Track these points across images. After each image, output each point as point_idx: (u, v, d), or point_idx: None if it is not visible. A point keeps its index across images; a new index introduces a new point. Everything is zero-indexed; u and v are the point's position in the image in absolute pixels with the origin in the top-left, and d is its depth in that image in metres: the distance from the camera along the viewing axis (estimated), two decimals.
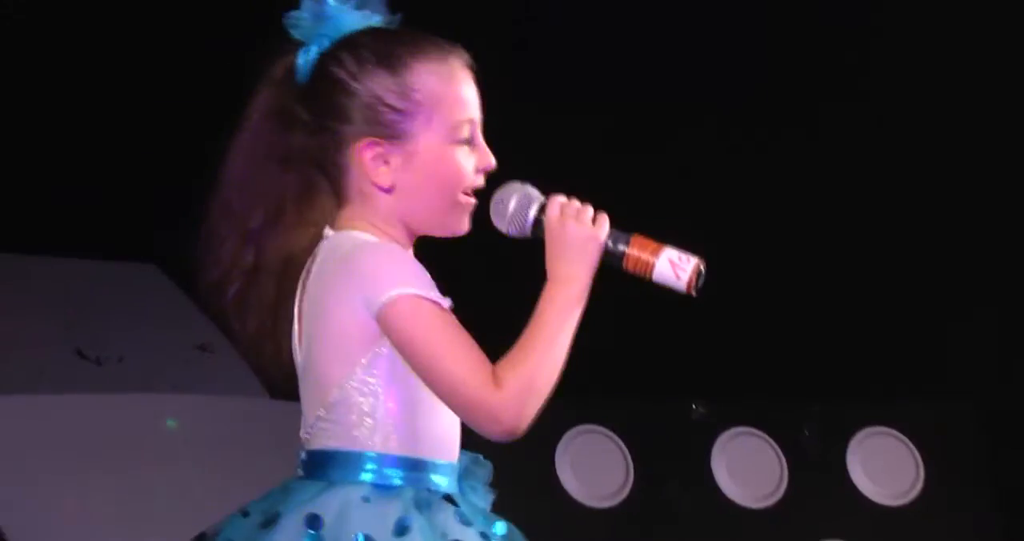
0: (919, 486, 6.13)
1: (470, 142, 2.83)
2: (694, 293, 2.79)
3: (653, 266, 2.79)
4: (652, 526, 6.37)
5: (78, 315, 6.56)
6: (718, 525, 6.36)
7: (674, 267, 2.77)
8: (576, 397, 6.40)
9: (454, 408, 2.74)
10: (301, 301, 2.86)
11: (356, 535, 2.69)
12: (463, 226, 2.86)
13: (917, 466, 6.16)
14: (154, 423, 6.08)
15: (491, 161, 2.85)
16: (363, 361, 2.75)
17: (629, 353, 6.97)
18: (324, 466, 2.82)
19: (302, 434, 2.92)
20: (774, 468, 6.43)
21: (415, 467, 2.77)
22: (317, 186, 2.87)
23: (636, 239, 2.82)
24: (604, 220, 2.80)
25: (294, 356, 2.91)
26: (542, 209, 2.83)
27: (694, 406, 6.49)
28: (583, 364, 6.87)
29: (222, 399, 6.37)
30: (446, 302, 2.73)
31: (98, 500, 5.85)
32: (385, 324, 2.71)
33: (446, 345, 2.70)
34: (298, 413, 6.43)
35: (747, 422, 6.49)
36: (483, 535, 2.82)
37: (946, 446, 6.19)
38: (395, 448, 2.76)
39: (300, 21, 2.85)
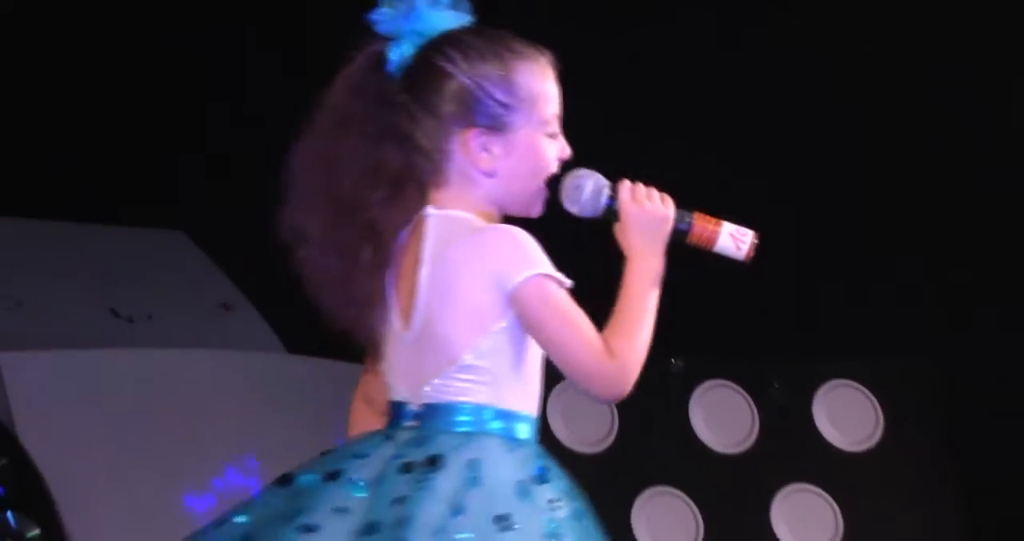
0: (878, 433, 6.24)
1: (555, 135, 2.98)
2: (749, 261, 2.99)
3: (716, 240, 2.96)
4: (634, 469, 6.46)
5: (112, 277, 6.65)
6: (694, 469, 6.42)
7: (735, 240, 2.96)
8: None
9: (572, 376, 2.87)
10: (409, 271, 2.94)
11: (510, 482, 2.81)
12: (539, 209, 3.01)
13: (877, 416, 6.25)
14: (181, 375, 6.18)
15: (568, 151, 2.99)
16: (493, 330, 2.86)
17: (605, 309, 7.16)
18: (451, 416, 2.90)
19: (413, 388, 2.97)
20: (746, 418, 6.48)
21: (523, 421, 2.92)
22: (416, 166, 2.94)
23: (698, 217, 2.98)
24: (669, 201, 2.96)
25: (388, 321, 2.98)
26: (614, 193, 2.98)
27: (673, 361, 6.55)
28: None
29: (243, 354, 6.47)
30: (568, 282, 2.87)
31: (129, 446, 5.93)
32: (517, 301, 2.84)
33: (570, 323, 2.84)
34: (313, 367, 6.55)
35: (721, 376, 6.54)
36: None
37: (902, 397, 6.28)
38: (512, 405, 2.90)
39: (387, 18, 2.94)
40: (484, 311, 2.86)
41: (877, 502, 6.16)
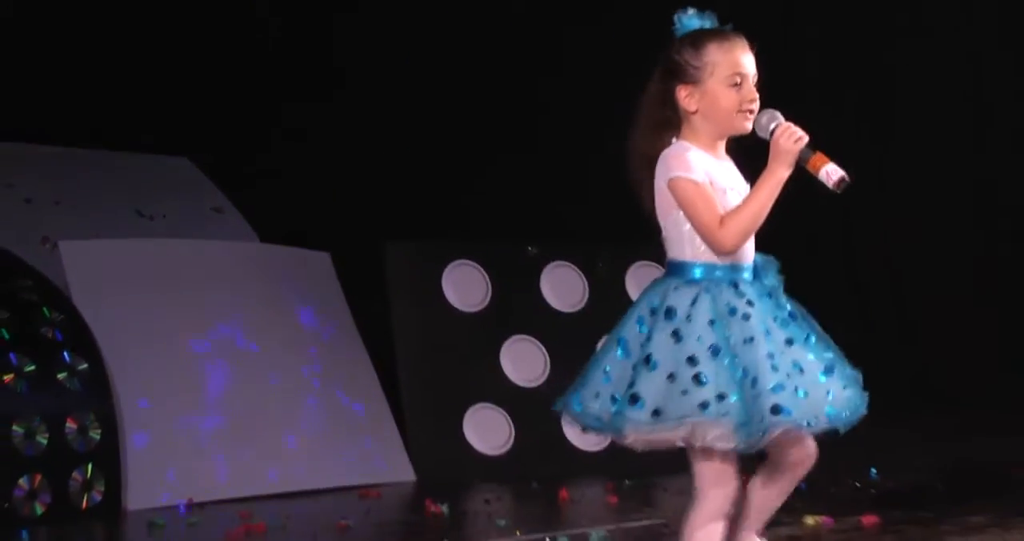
0: None
1: (739, 85, 3.36)
2: (839, 192, 3.30)
3: (818, 172, 3.30)
4: (502, 323, 6.87)
5: (136, 188, 6.94)
6: (545, 323, 6.89)
7: (828, 175, 3.28)
8: (454, 242, 6.96)
9: (701, 237, 3.27)
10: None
11: (668, 307, 3.21)
12: (743, 129, 3.37)
13: None
14: (187, 257, 6.45)
15: (748, 96, 3.38)
16: (674, 212, 3.30)
17: (489, 214, 7.70)
18: (668, 267, 3.34)
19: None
20: (579, 287, 7.01)
21: (712, 268, 3.29)
22: (670, 118, 3.41)
23: (816, 156, 3.31)
24: (804, 140, 3.31)
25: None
26: (775, 128, 3.35)
27: (529, 248, 6.98)
28: (461, 221, 7.55)
29: (230, 243, 6.80)
30: (703, 180, 3.28)
31: (151, 307, 6.20)
32: (672, 192, 3.28)
33: (697, 206, 3.26)
34: (278, 252, 7.00)
35: (562, 258, 7.00)
36: (757, 304, 3.27)
37: None
38: (698, 257, 3.29)
39: (677, 28, 3.44)
40: (665, 198, 3.32)
41: None
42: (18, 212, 6.38)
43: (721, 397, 3.14)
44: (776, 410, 3.13)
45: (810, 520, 4.95)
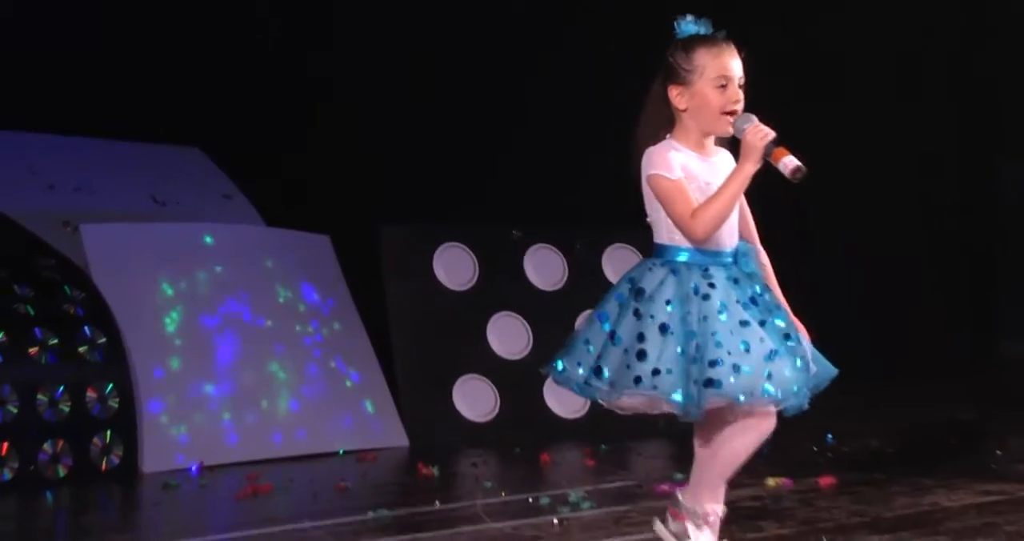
0: None
1: (725, 87, 3.42)
2: (795, 182, 3.35)
3: (778, 164, 3.34)
4: (488, 300, 6.89)
5: (152, 176, 6.92)
6: (528, 300, 6.92)
7: (784, 166, 3.33)
8: (444, 225, 6.97)
9: (676, 227, 3.34)
10: None
11: (640, 285, 3.31)
12: (725, 132, 3.43)
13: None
14: (198, 240, 6.49)
15: (732, 97, 3.43)
16: (656, 202, 3.38)
17: (477, 200, 7.57)
18: (655, 249, 3.41)
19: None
20: (559, 267, 7.06)
21: (693, 252, 3.34)
22: (663, 114, 3.48)
23: (776, 149, 3.36)
24: (768, 137, 3.35)
25: None
26: (747, 128, 3.40)
27: (513, 232, 7.02)
28: (451, 206, 7.61)
29: (237, 226, 6.80)
30: (678, 176, 3.34)
31: (165, 284, 6.20)
32: (651, 187, 3.36)
33: (673, 200, 3.33)
34: (282, 235, 6.98)
35: (544, 240, 7.05)
36: (719, 286, 3.32)
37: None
38: (681, 242, 3.35)
39: (677, 33, 3.49)
40: (648, 191, 3.39)
41: None
42: (42, 197, 6.38)
43: (656, 372, 3.22)
44: (709, 383, 3.21)
45: (771, 482, 5.02)
